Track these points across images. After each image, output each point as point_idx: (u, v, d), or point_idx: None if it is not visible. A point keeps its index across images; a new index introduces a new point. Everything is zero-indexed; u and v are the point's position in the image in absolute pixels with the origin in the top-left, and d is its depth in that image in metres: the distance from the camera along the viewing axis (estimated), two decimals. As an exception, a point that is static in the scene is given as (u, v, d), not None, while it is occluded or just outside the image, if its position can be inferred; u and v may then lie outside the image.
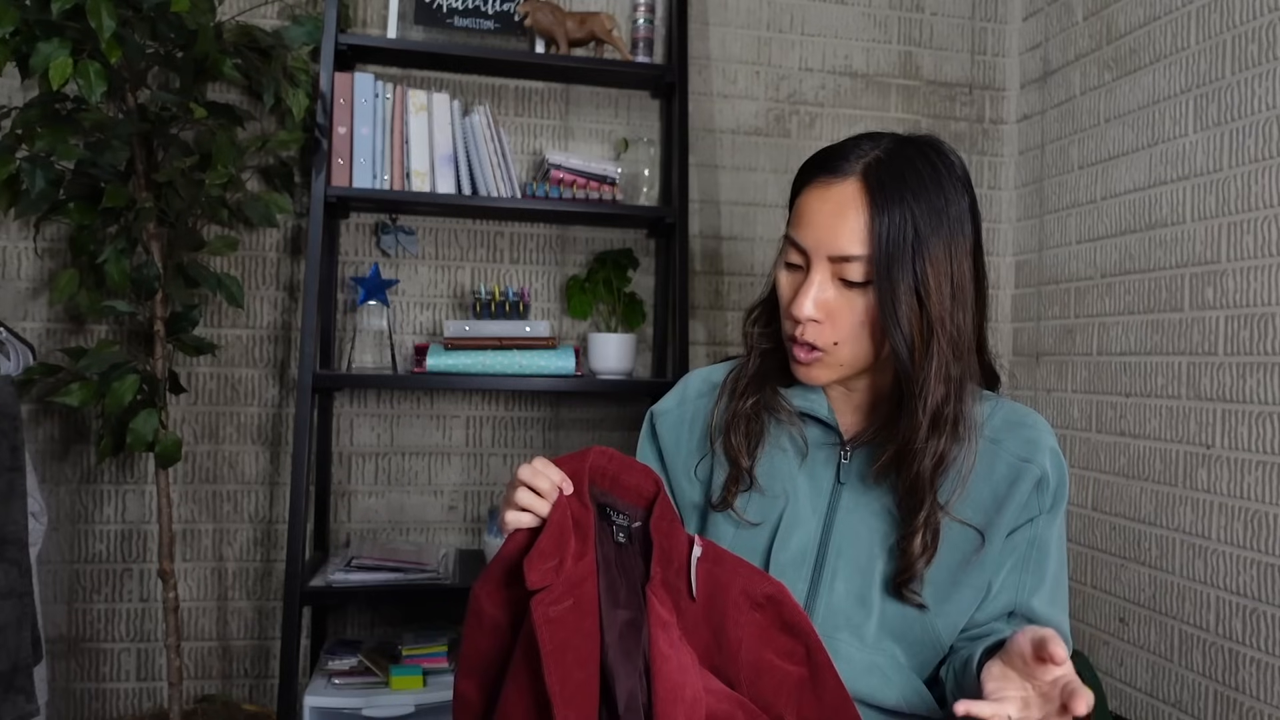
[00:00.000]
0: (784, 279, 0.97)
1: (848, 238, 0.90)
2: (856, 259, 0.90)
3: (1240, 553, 1.71)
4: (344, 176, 1.98)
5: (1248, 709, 1.69)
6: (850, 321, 0.93)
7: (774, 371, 1.03)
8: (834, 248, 0.91)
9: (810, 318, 0.93)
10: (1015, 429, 0.98)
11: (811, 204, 0.93)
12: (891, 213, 0.89)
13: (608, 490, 0.89)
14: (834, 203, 0.91)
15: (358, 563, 1.93)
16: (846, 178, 0.92)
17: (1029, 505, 0.96)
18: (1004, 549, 0.96)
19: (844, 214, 0.91)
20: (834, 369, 0.96)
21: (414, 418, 2.23)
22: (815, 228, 0.92)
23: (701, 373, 1.14)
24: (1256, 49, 1.71)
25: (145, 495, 2.10)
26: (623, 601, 0.83)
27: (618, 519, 0.88)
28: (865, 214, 0.90)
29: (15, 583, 1.59)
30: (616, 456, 0.89)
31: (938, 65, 2.45)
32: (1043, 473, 0.96)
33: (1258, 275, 1.69)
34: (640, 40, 2.17)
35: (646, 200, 2.19)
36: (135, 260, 1.83)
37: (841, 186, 0.92)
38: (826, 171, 0.93)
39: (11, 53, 1.61)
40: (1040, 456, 0.96)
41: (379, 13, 2.19)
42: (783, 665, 0.86)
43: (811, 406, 1.01)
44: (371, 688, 1.88)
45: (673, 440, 1.09)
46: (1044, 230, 2.32)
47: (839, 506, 0.99)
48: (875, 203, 0.90)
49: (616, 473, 0.89)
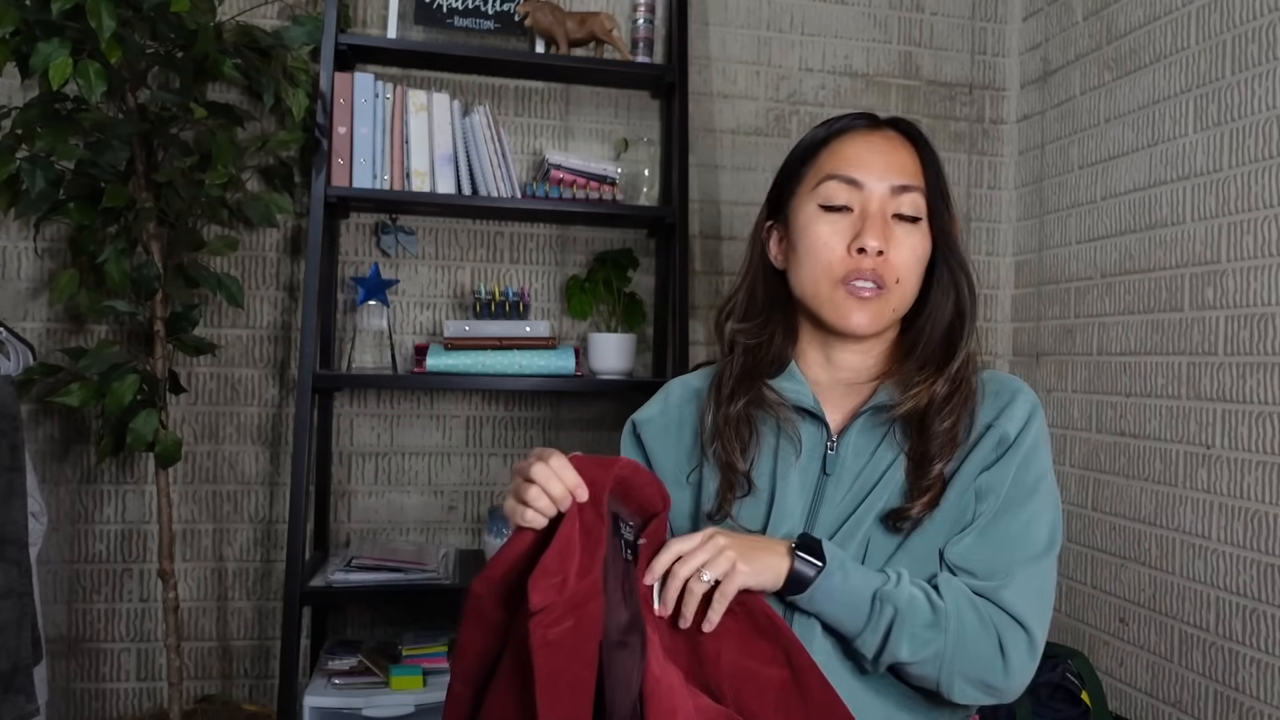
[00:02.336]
0: (826, 227, 0.97)
1: (908, 170, 0.98)
2: (915, 189, 0.97)
3: (1240, 553, 1.71)
4: (344, 176, 1.98)
5: (1248, 709, 1.69)
6: (907, 258, 0.97)
7: (761, 367, 1.02)
8: (898, 177, 0.97)
9: (878, 249, 0.95)
10: (993, 398, 0.98)
11: (858, 146, 0.99)
12: (931, 156, 0.99)
13: (620, 500, 0.87)
14: (883, 141, 0.99)
15: (358, 563, 1.93)
16: (884, 127, 1.01)
17: (984, 462, 0.95)
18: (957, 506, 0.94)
19: (896, 150, 0.98)
20: (887, 312, 0.98)
21: (414, 418, 2.23)
22: (872, 162, 0.97)
23: (683, 380, 1.13)
24: (1256, 49, 1.71)
25: (145, 495, 2.10)
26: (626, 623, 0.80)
27: (625, 531, 0.86)
28: (914, 152, 0.99)
29: (15, 583, 1.59)
30: (642, 470, 0.88)
31: (938, 65, 2.45)
32: (1002, 434, 0.95)
33: (1258, 275, 1.69)
34: (640, 40, 2.17)
35: (646, 200, 2.19)
36: (135, 260, 1.82)
37: (883, 132, 1.00)
38: (862, 120, 1.01)
39: (11, 53, 1.62)
40: (1004, 420, 0.96)
41: (379, 13, 2.19)
42: (763, 670, 0.85)
43: (798, 396, 1.00)
44: (371, 688, 1.88)
45: (660, 448, 1.07)
46: (1044, 230, 2.32)
47: (823, 500, 0.98)
48: (918, 145, 1.00)
49: (635, 485, 0.87)
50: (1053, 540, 0.95)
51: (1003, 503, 0.93)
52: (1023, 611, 0.90)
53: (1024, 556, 0.92)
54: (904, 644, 0.88)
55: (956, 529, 0.94)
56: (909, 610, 0.88)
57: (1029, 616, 0.91)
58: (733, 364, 1.03)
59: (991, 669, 0.90)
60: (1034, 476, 0.95)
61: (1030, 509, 0.94)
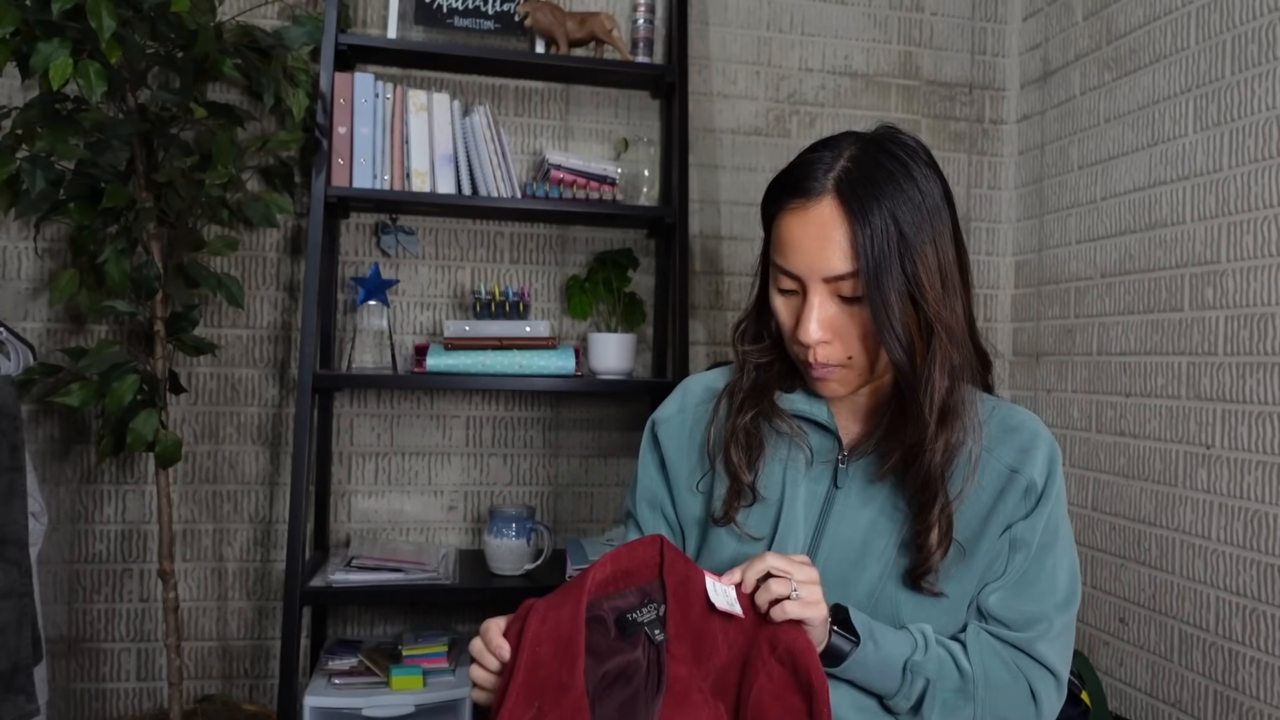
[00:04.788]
0: (781, 305, 0.96)
1: (836, 258, 0.89)
2: (849, 276, 0.89)
3: (1240, 553, 1.71)
4: (344, 176, 1.98)
5: (1247, 709, 1.69)
6: (857, 334, 0.93)
7: (771, 382, 1.03)
8: (825, 270, 0.90)
9: (819, 340, 0.92)
10: (1009, 436, 0.97)
11: (793, 230, 0.92)
12: (873, 222, 0.88)
13: (624, 589, 0.86)
14: (815, 225, 0.90)
15: (358, 563, 1.93)
16: (821, 197, 0.90)
17: (1014, 513, 0.96)
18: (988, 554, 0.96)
19: (827, 235, 0.89)
20: (853, 381, 0.96)
21: (414, 418, 2.23)
22: (802, 253, 0.91)
23: (702, 378, 1.13)
24: (1256, 49, 1.71)
25: (145, 495, 2.10)
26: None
27: (644, 614, 0.86)
28: (848, 230, 0.88)
29: (15, 583, 1.59)
30: (616, 556, 0.87)
31: (938, 65, 2.45)
32: (1029, 482, 0.95)
33: (1258, 275, 1.69)
34: (640, 40, 2.17)
35: (646, 200, 2.19)
36: (135, 260, 1.83)
37: (818, 207, 0.90)
38: (799, 194, 0.92)
39: (11, 53, 1.61)
40: (1029, 466, 0.96)
41: (379, 13, 2.19)
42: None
43: (813, 412, 1.00)
44: (371, 688, 1.88)
45: (675, 450, 1.08)
46: (1044, 230, 2.32)
47: (831, 513, 0.98)
48: (855, 216, 0.88)
49: (623, 571, 0.87)
50: (1074, 583, 0.98)
51: (1037, 549, 0.96)
52: (1053, 661, 0.96)
53: (1053, 605, 0.96)
54: (936, 711, 0.92)
55: (990, 578, 0.96)
56: (939, 678, 0.91)
57: (1059, 664, 0.96)
58: (744, 378, 1.04)
59: (1025, 717, 0.95)
60: (1055, 523, 0.97)
61: (1054, 555, 0.97)
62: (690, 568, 0.87)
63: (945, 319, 0.91)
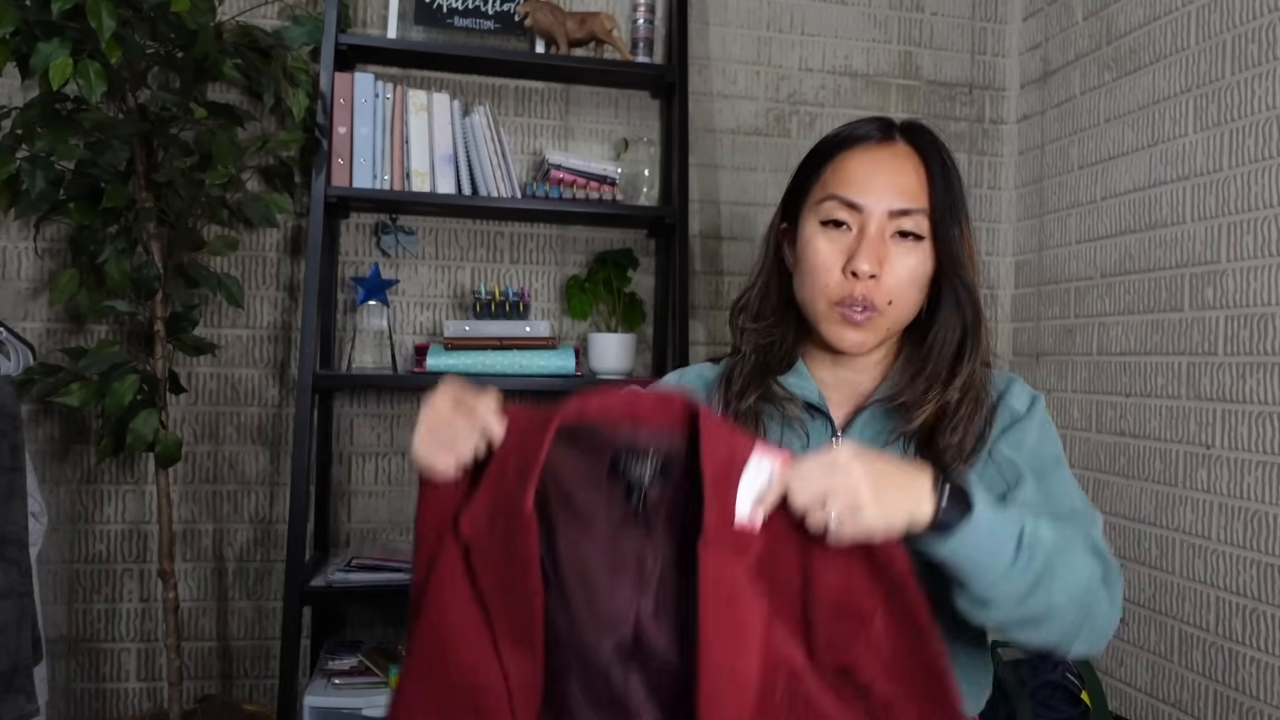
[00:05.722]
0: (824, 244, 0.97)
1: (910, 191, 0.95)
2: (916, 212, 0.94)
3: (1240, 553, 1.71)
4: (344, 176, 1.98)
5: (1247, 709, 1.69)
6: (903, 278, 0.95)
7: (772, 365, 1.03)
8: (897, 201, 0.94)
9: (870, 273, 0.94)
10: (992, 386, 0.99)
11: (862, 163, 0.96)
12: (942, 170, 0.96)
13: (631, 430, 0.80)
14: (888, 159, 0.96)
15: (358, 563, 1.93)
16: (894, 139, 0.98)
17: (996, 435, 0.96)
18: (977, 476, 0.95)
19: (902, 169, 0.95)
20: (880, 331, 0.97)
21: (414, 418, 2.21)
22: (873, 184, 0.95)
23: (695, 368, 1.15)
24: (1256, 49, 1.71)
25: (145, 495, 2.10)
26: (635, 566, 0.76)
27: (634, 467, 0.79)
28: (921, 169, 0.96)
29: (15, 583, 1.59)
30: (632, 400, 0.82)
31: (938, 65, 2.45)
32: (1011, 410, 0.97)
33: (1258, 275, 1.69)
34: (640, 40, 2.17)
35: (646, 200, 2.19)
36: (135, 260, 1.83)
37: (892, 146, 0.97)
38: (870, 136, 0.98)
39: (11, 53, 1.62)
40: (1011, 399, 0.98)
41: (379, 13, 2.19)
42: (866, 608, 0.76)
43: (804, 392, 1.01)
44: (371, 688, 1.88)
45: None
46: (1044, 230, 2.32)
47: None
48: (929, 158, 0.96)
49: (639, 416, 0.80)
50: (1089, 504, 0.94)
51: (1035, 473, 0.93)
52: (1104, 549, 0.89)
53: (1082, 510, 0.91)
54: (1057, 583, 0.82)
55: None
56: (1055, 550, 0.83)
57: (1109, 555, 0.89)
58: (744, 362, 1.04)
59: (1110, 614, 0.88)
60: (1055, 453, 0.96)
61: (1062, 474, 0.94)
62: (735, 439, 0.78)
63: (976, 292, 0.97)
